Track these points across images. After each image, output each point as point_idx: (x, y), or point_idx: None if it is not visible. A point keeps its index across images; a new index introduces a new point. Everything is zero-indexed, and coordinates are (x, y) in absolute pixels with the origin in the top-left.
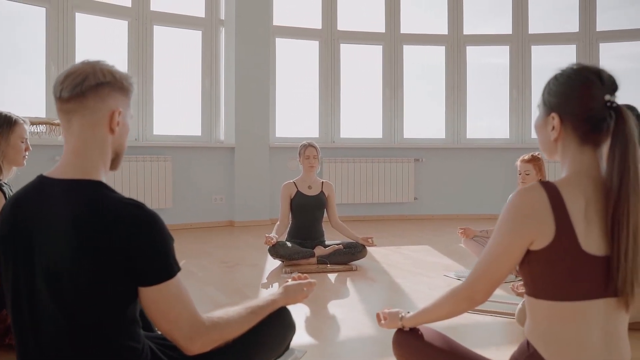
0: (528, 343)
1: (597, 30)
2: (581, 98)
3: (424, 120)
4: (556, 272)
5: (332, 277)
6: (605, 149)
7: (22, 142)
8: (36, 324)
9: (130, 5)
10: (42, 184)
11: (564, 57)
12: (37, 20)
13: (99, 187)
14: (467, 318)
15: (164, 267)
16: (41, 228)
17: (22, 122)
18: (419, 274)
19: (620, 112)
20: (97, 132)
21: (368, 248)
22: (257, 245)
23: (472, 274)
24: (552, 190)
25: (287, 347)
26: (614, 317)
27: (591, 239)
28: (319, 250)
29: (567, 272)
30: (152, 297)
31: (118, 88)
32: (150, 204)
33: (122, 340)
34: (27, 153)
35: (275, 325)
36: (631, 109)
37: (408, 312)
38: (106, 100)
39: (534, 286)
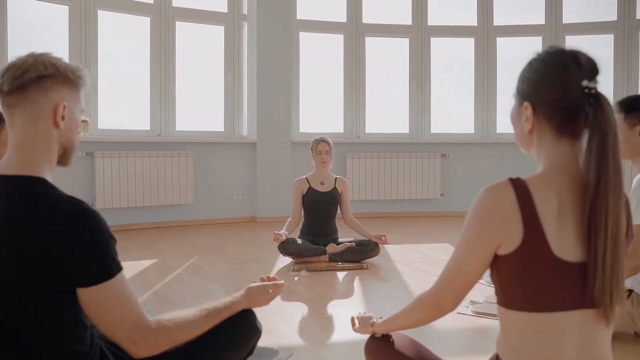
0: (497, 357)
1: (637, 18)
2: (555, 84)
3: (452, 115)
4: (526, 279)
5: (340, 275)
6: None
7: None
8: None
9: (152, 2)
10: None
11: (601, 48)
12: (60, 18)
13: (38, 184)
14: (471, 321)
15: (101, 267)
16: None
17: None
18: (431, 273)
19: (599, 100)
20: (40, 127)
21: (383, 246)
22: (274, 242)
23: (439, 280)
24: (520, 189)
25: (251, 352)
26: (593, 331)
27: (565, 243)
28: (331, 248)
29: (537, 280)
30: (90, 299)
31: (62, 81)
32: (172, 199)
33: (65, 344)
34: None
35: (235, 329)
36: None
37: (380, 318)
38: (49, 94)
39: (503, 295)
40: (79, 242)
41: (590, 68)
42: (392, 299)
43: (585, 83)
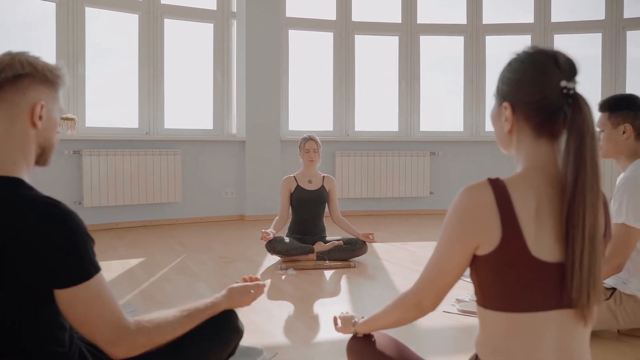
0: (477, 357)
1: (625, 17)
2: (533, 85)
3: (441, 113)
4: (504, 280)
5: (328, 274)
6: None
7: None
8: None
9: None
10: None
11: (589, 47)
12: (47, 15)
13: (14, 184)
14: (457, 320)
15: (78, 268)
16: None
17: None
18: (418, 271)
19: (577, 101)
20: (17, 127)
21: (371, 244)
22: (262, 241)
23: (419, 280)
24: (499, 189)
25: (233, 352)
26: (571, 331)
27: (543, 244)
28: (318, 246)
29: (515, 281)
30: (68, 300)
31: (40, 80)
32: (160, 198)
33: (43, 346)
34: None
35: (216, 329)
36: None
37: (362, 317)
38: (26, 93)
39: (482, 295)
40: (56, 243)
41: (569, 68)
42: (379, 298)
43: (563, 83)
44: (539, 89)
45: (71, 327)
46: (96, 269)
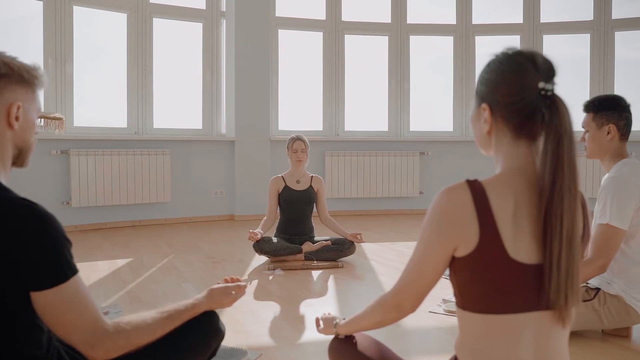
0: (456, 359)
1: (613, 18)
2: (511, 86)
3: (431, 113)
4: (482, 282)
5: (315, 274)
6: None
7: None
8: None
9: None
10: None
11: (577, 47)
12: (35, 14)
13: None
14: (443, 320)
15: (54, 270)
16: None
17: None
18: None
19: (555, 102)
20: None
21: (360, 244)
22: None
23: (398, 281)
24: (477, 191)
25: (214, 354)
26: (549, 333)
27: (521, 245)
28: (306, 247)
29: (493, 282)
30: (44, 302)
31: (16, 81)
32: (149, 198)
33: (20, 349)
34: None
35: (197, 330)
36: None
37: (344, 319)
38: (2, 94)
39: (461, 297)
40: (32, 245)
41: (547, 70)
42: (367, 298)
43: (541, 85)
44: (517, 90)
45: (49, 329)
46: (73, 271)
